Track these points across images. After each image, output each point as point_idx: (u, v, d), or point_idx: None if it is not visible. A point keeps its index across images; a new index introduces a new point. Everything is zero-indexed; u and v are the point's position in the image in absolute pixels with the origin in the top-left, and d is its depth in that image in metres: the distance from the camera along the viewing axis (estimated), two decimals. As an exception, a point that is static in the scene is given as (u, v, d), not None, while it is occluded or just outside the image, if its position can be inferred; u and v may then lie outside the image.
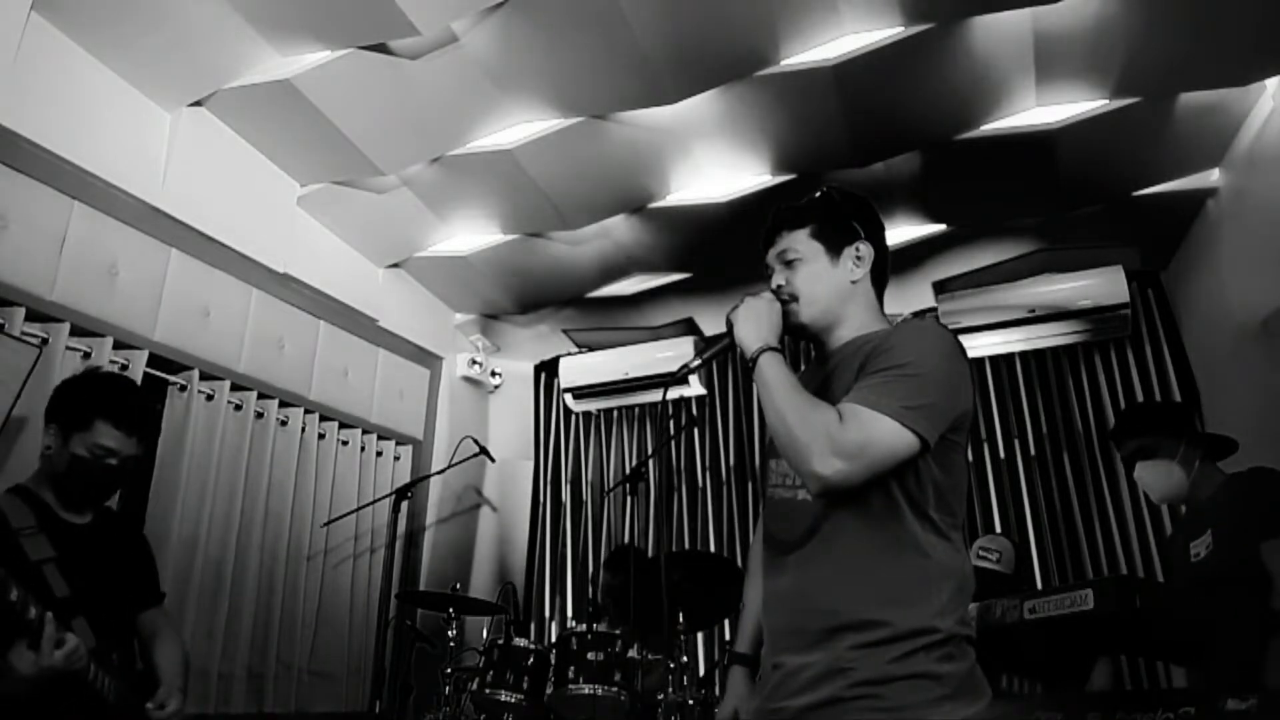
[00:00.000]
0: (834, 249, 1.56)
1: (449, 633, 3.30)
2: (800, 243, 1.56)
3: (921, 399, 1.33)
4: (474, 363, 4.91)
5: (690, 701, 2.83)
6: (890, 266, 1.63)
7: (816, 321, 1.56)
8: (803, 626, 1.40)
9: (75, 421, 2.10)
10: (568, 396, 4.94)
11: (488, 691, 3.05)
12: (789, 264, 1.56)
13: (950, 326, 4.06)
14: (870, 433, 1.30)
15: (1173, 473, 2.36)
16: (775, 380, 1.40)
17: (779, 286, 1.56)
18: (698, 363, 1.60)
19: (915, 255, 4.08)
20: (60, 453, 2.09)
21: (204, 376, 3.42)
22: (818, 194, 1.64)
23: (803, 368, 1.73)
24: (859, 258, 1.56)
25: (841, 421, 1.32)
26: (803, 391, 1.39)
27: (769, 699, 1.43)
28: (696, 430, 4.75)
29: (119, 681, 2.04)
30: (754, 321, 1.49)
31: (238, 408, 3.55)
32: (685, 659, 2.96)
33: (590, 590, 4.70)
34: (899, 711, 1.27)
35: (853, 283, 1.56)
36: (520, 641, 3.17)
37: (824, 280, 1.55)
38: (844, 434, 1.30)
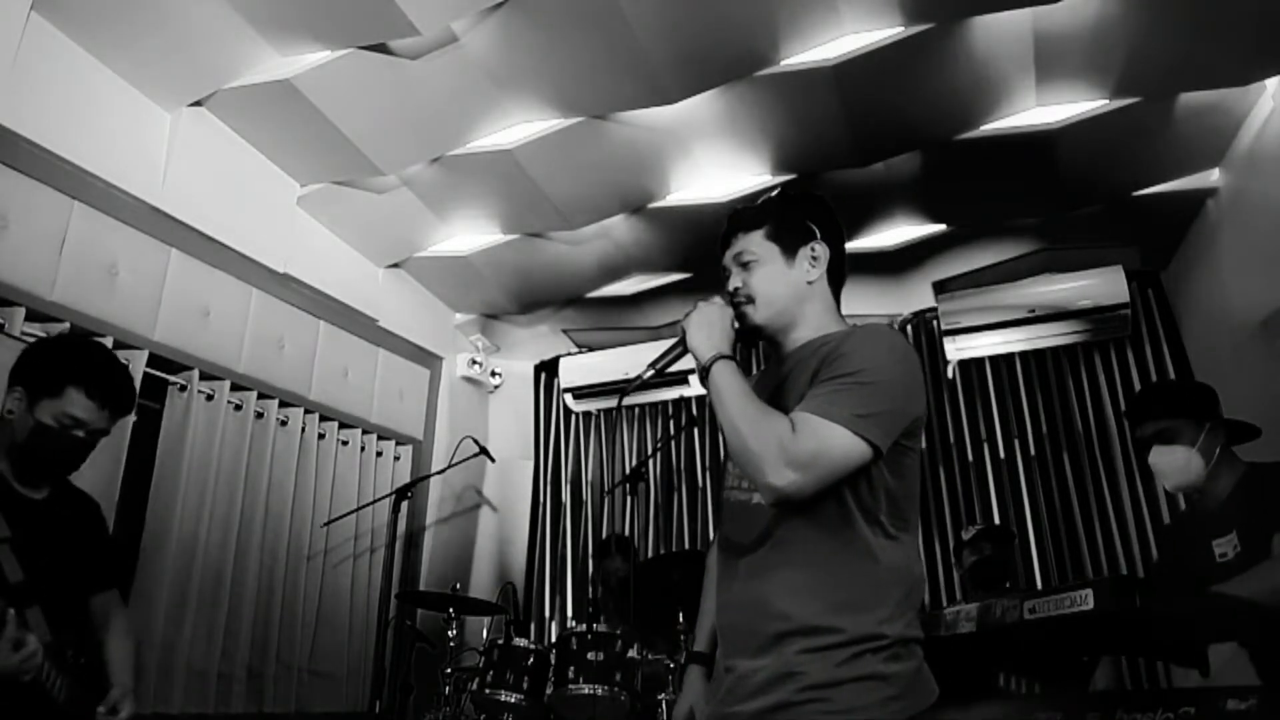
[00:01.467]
0: (789, 250, 1.55)
1: (449, 633, 3.30)
2: (756, 244, 1.56)
3: (874, 407, 1.34)
4: (474, 363, 4.91)
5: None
6: (847, 266, 1.63)
7: (772, 323, 1.56)
8: (754, 631, 1.41)
9: (45, 386, 1.92)
10: (568, 396, 4.94)
11: (488, 691, 3.05)
12: (745, 265, 1.56)
13: (950, 326, 4.07)
14: (823, 442, 1.31)
15: (1192, 461, 2.25)
16: (728, 389, 1.41)
17: (736, 289, 1.56)
18: (650, 374, 1.58)
19: (915, 255, 4.08)
20: (24, 418, 1.91)
21: (204, 376, 3.42)
22: (772, 195, 1.65)
23: (754, 371, 1.72)
24: (815, 258, 1.56)
25: (794, 431, 1.32)
26: (755, 400, 1.40)
27: (722, 703, 1.44)
28: (696, 430, 4.76)
29: (71, 680, 1.88)
30: (706, 329, 1.48)
31: (238, 408, 3.55)
32: (685, 659, 2.96)
33: (590, 590, 4.70)
34: (848, 714, 1.29)
35: (809, 283, 1.55)
36: (520, 641, 3.17)
37: (780, 281, 1.54)
38: (797, 444, 1.31)
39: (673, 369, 1.59)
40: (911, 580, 1.42)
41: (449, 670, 3.22)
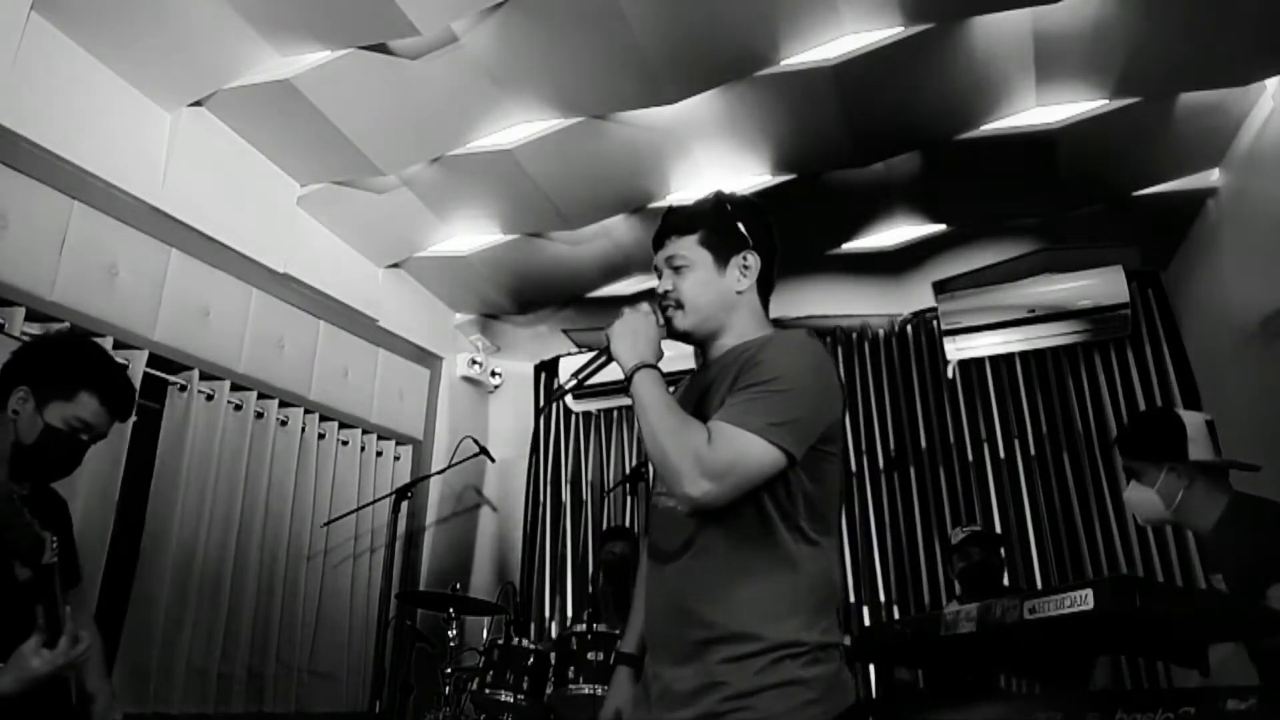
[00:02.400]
0: (721, 258, 1.56)
1: (449, 633, 3.31)
2: (688, 249, 1.56)
3: (787, 414, 1.35)
4: (474, 363, 4.91)
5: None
6: (776, 274, 1.62)
7: (699, 329, 1.57)
8: (678, 638, 1.43)
9: (56, 389, 1.89)
10: (568, 396, 4.94)
11: (488, 691, 3.05)
12: (677, 270, 1.56)
13: (950, 326, 4.07)
14: (737, 452, 1.33)
15: (1152, 500, 2.21)
16: (649, 399, 1.43)
17: (665, 292, 1.57)
18: (572, 384, 1.59)
19: (915, 255, 4.08)
20: (31, 419, 1.87)
21: (204, 376, 3.42)
22: (709, 199, 1.65)
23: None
24: (746, 267, 1.56)
25: (710, 442, 1.34)
26: (675, 410, 1.42)
27: (651, 709, 1.45)
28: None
29: (78, 679, 1.90)
30: (630, 338, 1.50)
31: (238, 408, 3.55)
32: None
33: (590, 587, 4.70)
34: None
35: (738, 293, 1.56)
36: (520, 641, 3.17)
37: (709, 289, 1.55)
38: (712, 454, 1.33)
39: (673, 369, 1.58)
40: (830, 586, 1.45)
41: (449, 670, 3.22)
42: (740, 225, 1.58)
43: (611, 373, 1.55)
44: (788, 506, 1.40)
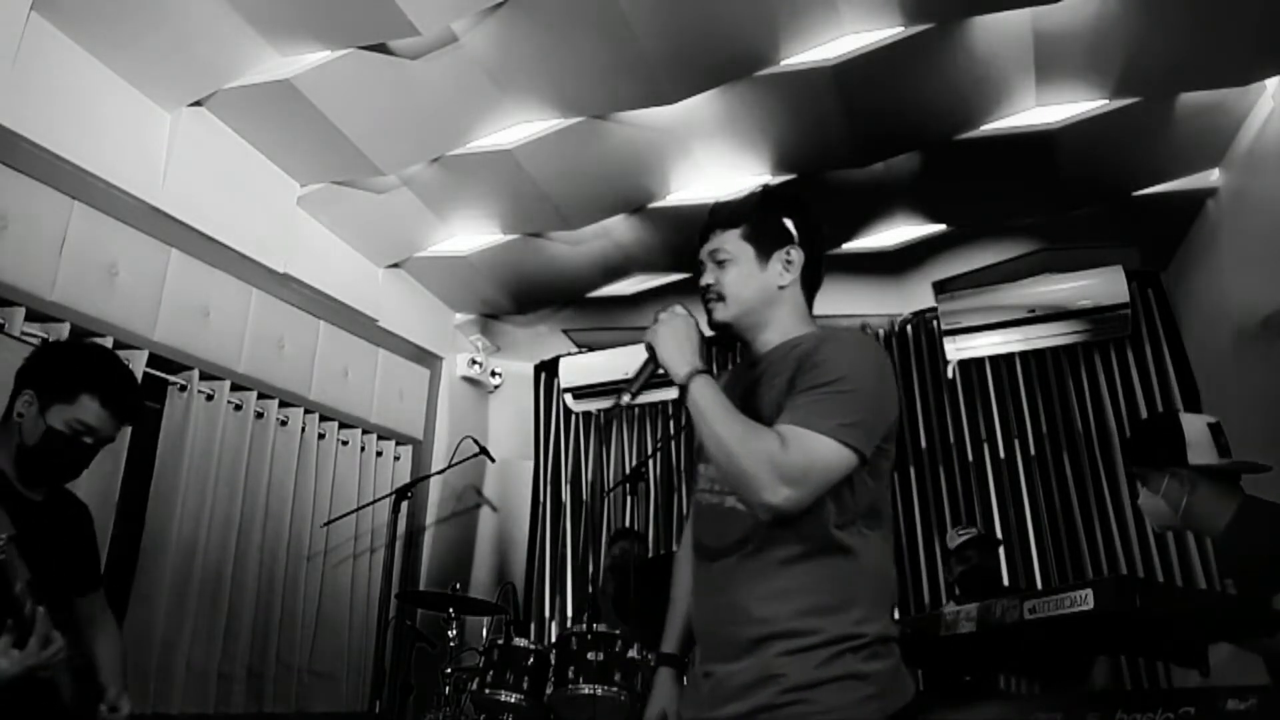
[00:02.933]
0: (764, 252, 1.55)
1: (449, 633, 3.30)
2: (731, 243, 1.55)
3: (856, 415, 1.35)
4: (474, 363, 4.91)
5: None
6: (824, 270, 1.62)
7: (739, 321, 1.56)
8: (733, 636, 1.41)
9: (58, 392, 1.92)
10: (568, 396, 4.94)
11: (488, 691, 3.05)
12: (720, 263, 1.56)
13: (950, 326, 4.07)
14: (812, 455, 1.32)
15: (1159, 505, 2.20)
16: (711, 407, 1.39)
17: (708, 285, 1.56)
18: (629, 399, 1.56)
19: (915, 255, 4.08)
20: (35, 422, 1.91)
21: (204, 376, 3.42)
22: (754, 194, 1.64)
23: (719, 371, 1.72)
24: (789, 262, 1.55)
25: (783, 446, 1.32)
26: (739, 417, 1.39)
27: (702, 707, 1.43)
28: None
29: (73, 678, 1.91)
30: (676, 343, 1.47)
31: (238, 408, 3.55)
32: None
33: (590, 587, 4.70)
34: (830, 713, 1.29)
35: (780, 288, 1.54)
36: (520, 641, 3.17)
37: (751, 282, 1.54)
38: (788, 459, 1.31)
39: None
40: (886, 579, 1.44)
41: (449, 670, 3.22)
42: (785, 220, 1.57)
43: (611, 372, 1.55)
44: (849, 503, 1.39)
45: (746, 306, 1.54)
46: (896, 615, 1.52)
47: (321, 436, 3.98)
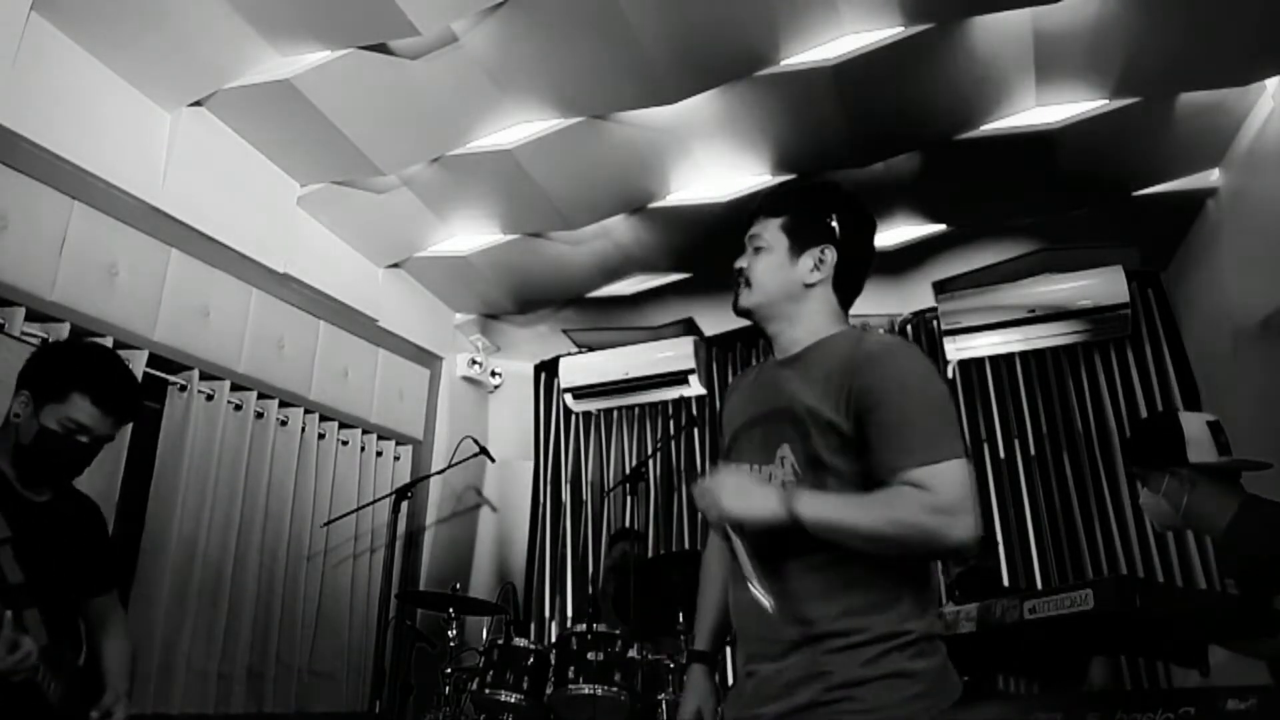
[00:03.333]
0: (798, 246, 1.53)
1: (449, 633, 3.30)
2: (770, 231, 1.56)
3: (946, 425, 1.37)
4: (474, 363, 4.91)
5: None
6: (867, 273, 1.59)
7: (760, 310, 1.55)
8: (777, 635, 1.39)
9: (50, 391, 1.93)
10: (568, 396, 4.94)
11: (488, 691, 3.05)
12: (756, 250, 1.56)
13: (950, 326, 4.07)
14: (953, 482, 1.31)
15: (1160, 504, 2.20)
16: (836, 514, 1.33)
17: (740, 269, 1.57)
18: (759, 593, 1.38)
19: (915, 255, 4.08)
20: (29, 422, 1.92)
21: (204, 376, 3.42)
22: (803, 186, 1.64)
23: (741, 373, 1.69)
24: (821, 260, 1.53)
25: (927, 491, 1.30)
26: (862, 502, 1.33)
27: (748, 705, 1.42)
28: (696, 430, 4.75)
29: (64, 683, 1.88)
30: (746, 499, 1.37)
31: (238, 408, 3.55)
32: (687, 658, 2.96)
33: (590, 588, 4.70)
34: (877, 711, 1.29)
35: (806, 285, 1.53)
36: (520, 641, 3.17)
37: (778, 274, 1.53)
38: (940, 499, 1.29)
39: (673, 369, 1.56)
40: (929, 577, 1.43)
41: (449, 670, 3.22)
42: (827, 218, 1.55)
43: (609, 372, 1.54)
44: None
45: (770, 297, 1.53)
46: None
47: (321, 436, 3.98)
